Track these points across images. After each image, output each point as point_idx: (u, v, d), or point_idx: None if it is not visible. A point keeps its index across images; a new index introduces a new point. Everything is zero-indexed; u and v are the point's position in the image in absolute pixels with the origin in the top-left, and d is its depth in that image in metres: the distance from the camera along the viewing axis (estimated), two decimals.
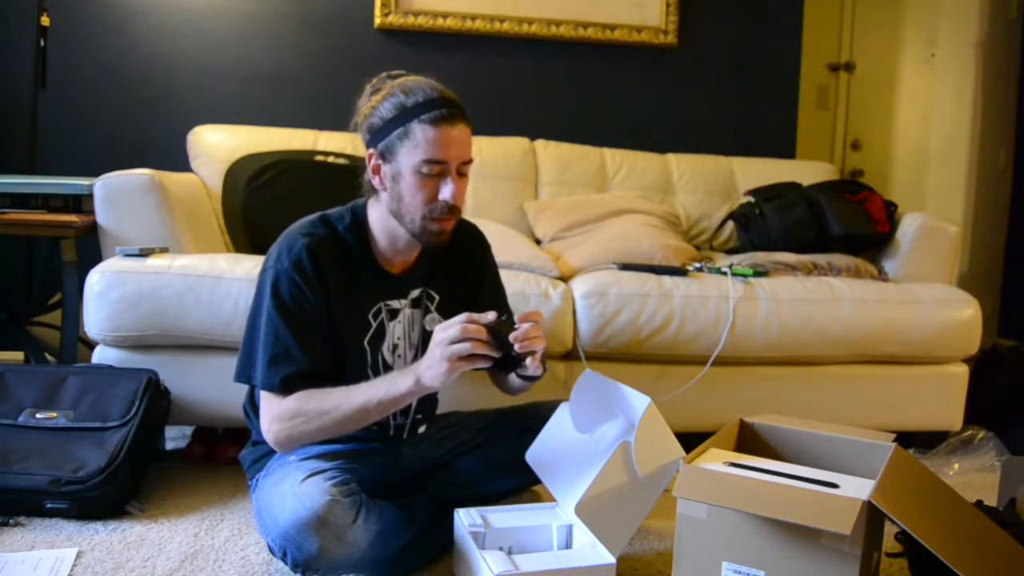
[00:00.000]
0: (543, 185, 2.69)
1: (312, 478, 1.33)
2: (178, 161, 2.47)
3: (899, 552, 1.52)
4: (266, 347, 1.36)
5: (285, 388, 1.35)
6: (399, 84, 1.37)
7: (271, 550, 1.36)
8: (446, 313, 1.54)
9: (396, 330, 1.49)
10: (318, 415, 1.32)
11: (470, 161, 1.38)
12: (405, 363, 1.50)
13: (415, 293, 1.51)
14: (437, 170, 1.33)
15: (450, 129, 1.32)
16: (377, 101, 1.37)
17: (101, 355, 1.91)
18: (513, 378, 1.49)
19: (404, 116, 1.33)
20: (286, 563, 1.32)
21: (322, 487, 1.30)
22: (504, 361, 1.29)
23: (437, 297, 1.53)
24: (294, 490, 1.31)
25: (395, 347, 1.49)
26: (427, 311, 1.52)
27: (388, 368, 1.49)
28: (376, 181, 1.40)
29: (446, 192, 1.34)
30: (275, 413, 1.35)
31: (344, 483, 1.33)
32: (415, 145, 1.32)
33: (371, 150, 1.39)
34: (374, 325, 1.46)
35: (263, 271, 1.40)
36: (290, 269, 1.36)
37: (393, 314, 1.48)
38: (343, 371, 1.44)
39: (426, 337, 1.52)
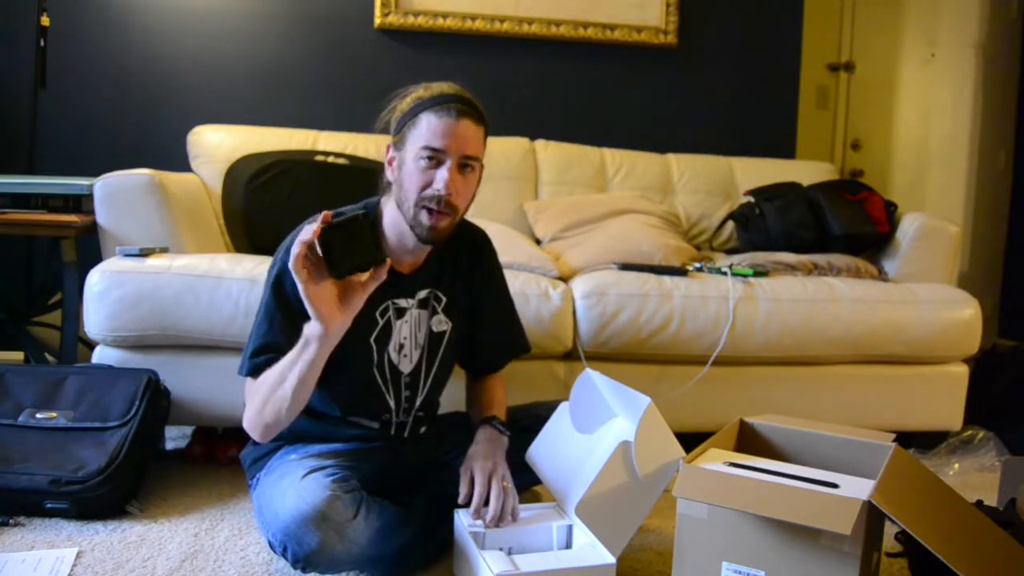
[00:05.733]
0: (543, 185, 2.69)
1: (313, 474, 1.34)
2: (178, 161, 2.47)
3: (899, 552, 1.52)
4: (257, 335, 1.40)
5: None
6: (425, 85, 1.41)
7: (271, 546, 1.36)
8: (452, 315, 1.54)
9: (403, 330, 1.49)
10: (260, 387, 1.34)
11: (474, 158, 1.39)
12: (411, 363, 1.51)
13: (423, 294, 1.51)
14: (434, 157, 1.35)
15: (452, 121, 1.34)
16: (405, 101, 1.41)
17: (101, 355, 1.91)
18: None
19: (417, 108, 1.37)
20: (287, 559, 1.32)
21: (323, 482, 1.31)
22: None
23: (444, 299, 1.54)
24: (295, 486, 1.32)
25: (401, 347, 1.49)
26: (434, 312, 1.53)
27: (394, 368, 1.49)
28: (389, 171, 1.43)
29: (439, 180, 1.35)
30: (246, 398, 1.39)
31: (344, 479, 1.34)
32: (419, 133, 1.35)
33: (389, 142, 1.43)
34: (381, 323, 1.46)
35: (271, 267, 1.42)
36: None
37: (400, 313, 1.48)
38: (346, 370, 1.44)
39: (433, 338, 1.52)
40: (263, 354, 1.37)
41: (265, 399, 1.33)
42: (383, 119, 1.44)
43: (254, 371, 1.38)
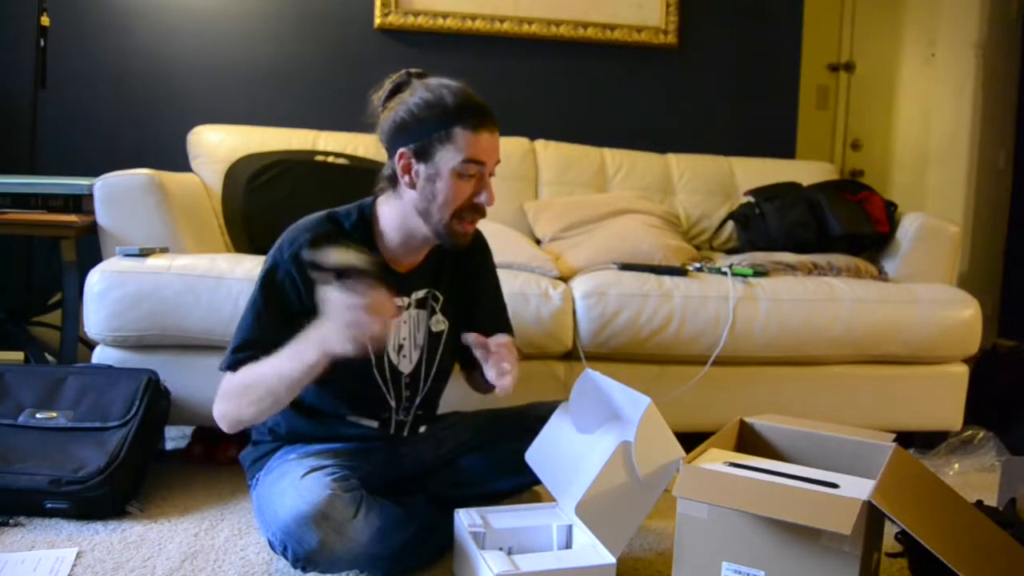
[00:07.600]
0: (543, 185, 2.69)
1: (313, 473, 1.34)
2: (178, 161, 2.47)
3: (899, 552, 1.52)
4: (242, 329, 1.40)
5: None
6: (434, 85, 1.38)
7: (271, 546, 1.36)
8: (449, 314, 1.54)
9: (401, 330, 1.49)
10: (242, 390, 1.34)
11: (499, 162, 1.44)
12: (411, 364, 1.51)
13: (420, 294, 1.51)
14: (477, 172, 1.38)
15: (490, 135, 1.38)
16: (407, 98, 1.38)
17: (101, 355, 1.91)
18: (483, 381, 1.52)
19: (445, 119, 1.35)
20: (287, 558, 1.32)
21: (322, 482, 1.31)
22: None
23: (442, 298, 1.54)
24: (295, 485, 1.32)
25: (400, 347, 1.49)
26: (432, 312, 1.53)
27: (394, 368, 1.49)
28: (406, 179, 1.40)
29: (483, 195, 1.40)
30: (220, 391, 1.38)
31: (344, 479, 1.34)
32: (457, 149, 1.35)
33: (403, 148, 1.38)
34: None
35: (264, 265, 1.42)
36: (288, 261, 1.37)
37: None
38: (345, 370, 1.44)
39: (432, 339, 1.52)
40: (246, 350, 1.37)
41: (253, 398, 1.32)
42: (378, 117, 1.42)
43: (234, 366, 1.37)
